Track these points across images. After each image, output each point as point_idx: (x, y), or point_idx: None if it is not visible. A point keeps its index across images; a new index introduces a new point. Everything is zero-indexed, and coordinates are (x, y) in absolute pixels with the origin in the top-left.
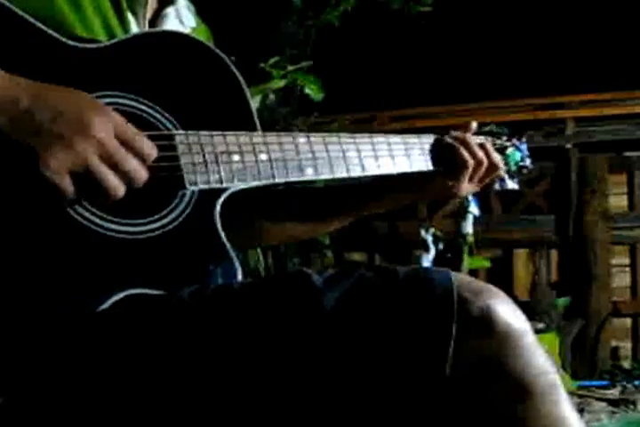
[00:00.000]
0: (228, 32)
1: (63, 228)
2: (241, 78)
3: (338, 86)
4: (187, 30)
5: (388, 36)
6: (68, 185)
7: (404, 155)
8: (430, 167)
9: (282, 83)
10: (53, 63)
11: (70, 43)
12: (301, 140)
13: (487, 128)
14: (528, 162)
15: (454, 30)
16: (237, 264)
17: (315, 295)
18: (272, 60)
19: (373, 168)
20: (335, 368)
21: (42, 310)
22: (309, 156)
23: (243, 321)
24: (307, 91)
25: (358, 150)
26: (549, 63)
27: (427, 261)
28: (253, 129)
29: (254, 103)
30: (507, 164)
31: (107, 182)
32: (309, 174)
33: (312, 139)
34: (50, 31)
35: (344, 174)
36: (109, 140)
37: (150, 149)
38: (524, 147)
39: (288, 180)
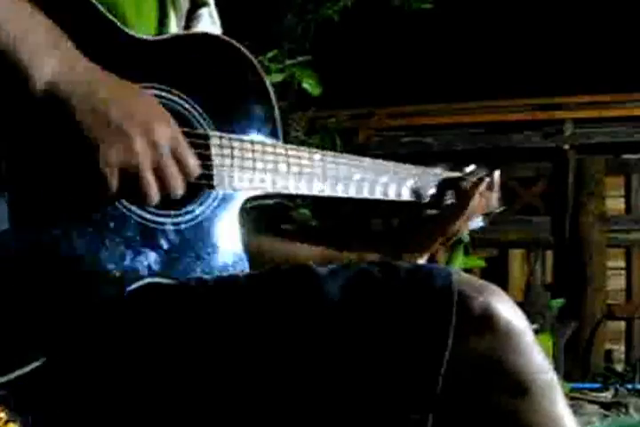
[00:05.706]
0: (227, 25)
1: (101, 212)
2: (267, 80)
3: (336, 81)
4: (219, 30)
5: (387, 32)
6: (115, 181)
7: (413, 183)
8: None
9: (279, 77)
10: (117, 52)
11: (136, 35)
12: (316, 157)
13: (468, 169)
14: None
15: (454, 28)
16: (247, 266)
17: (318, 284)
18: (270, 54)
19: (378, 194)
20: (336, 357)
21: (79, 293)
22: (326, 173)
23: (247, 310)
24: (304, 85)
25: (365, 173)
26: (549, 64)
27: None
28: (274, 128)
29: None
30: None
31: (147, 188)
32: (325, 190)
33: (327, 158)
34: (116, 20)
35: (353, 195)
36: (165, 149)
37: (195, 167)
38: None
39: (307, 193)
